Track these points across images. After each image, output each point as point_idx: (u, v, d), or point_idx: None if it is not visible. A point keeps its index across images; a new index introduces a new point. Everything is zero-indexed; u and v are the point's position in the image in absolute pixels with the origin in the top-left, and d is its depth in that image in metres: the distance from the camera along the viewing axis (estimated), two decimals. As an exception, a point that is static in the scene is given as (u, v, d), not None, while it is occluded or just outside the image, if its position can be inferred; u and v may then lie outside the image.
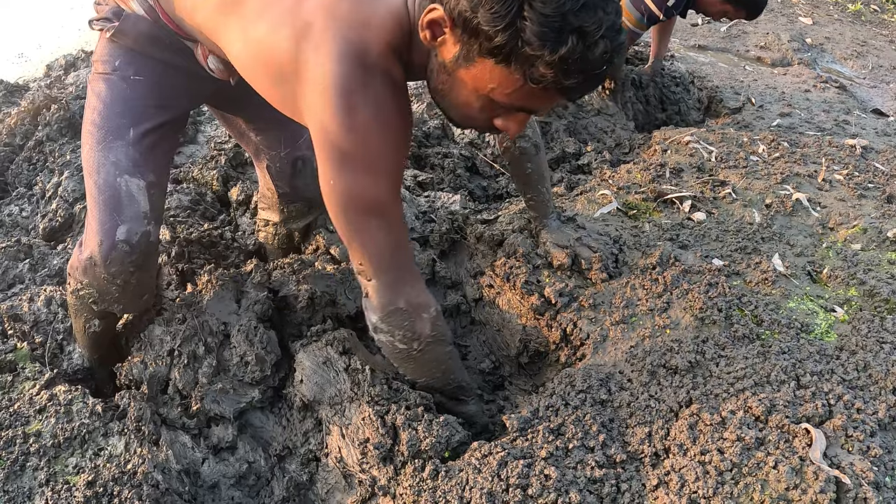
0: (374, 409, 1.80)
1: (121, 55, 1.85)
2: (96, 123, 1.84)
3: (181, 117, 2.03)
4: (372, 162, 1.48)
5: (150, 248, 1.87)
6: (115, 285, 1.86)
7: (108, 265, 1.81)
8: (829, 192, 2.92)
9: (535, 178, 2.33)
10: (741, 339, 1.96)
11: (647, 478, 1.58)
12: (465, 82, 1.39)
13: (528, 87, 1.31)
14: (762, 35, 6.11)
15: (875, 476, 1.50)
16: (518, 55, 1.25)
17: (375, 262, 1.62)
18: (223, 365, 2.05)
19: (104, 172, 1.81)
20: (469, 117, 1.51)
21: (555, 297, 2.19)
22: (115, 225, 1.80)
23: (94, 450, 1.81)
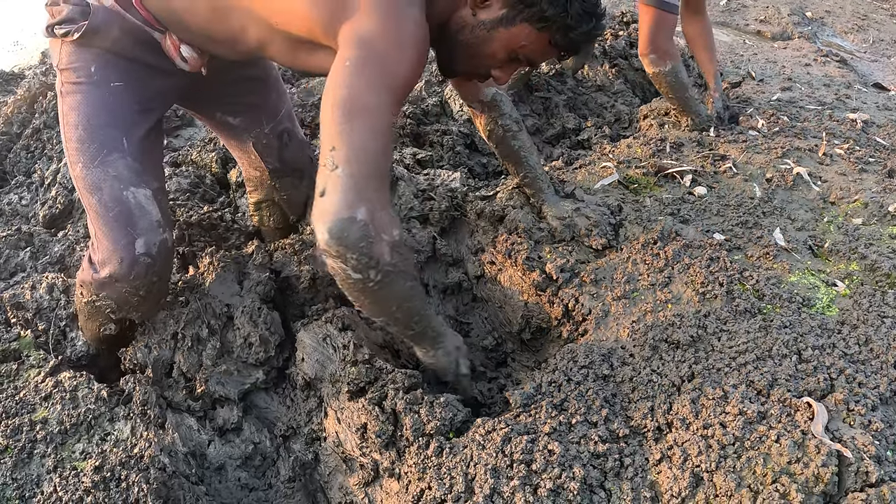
0: (370, 395, 1.79)
1: (94, 60, 1.79)
2: (83, 139, 1.79)
3: (160, 120, 2.02)
4: (397, 63, 1.53)
5: (169, 255, 1.89)
6: (137, 297, 1.87)
7: (133, 280, 1.81)
8: (829, 166, 2.91)
9: (524, 154, 2.46)
10: (743, 314, 1.96)
11: (650, 452, 1.59)
12: (499, 39, 1.69)
13: (550, 46, 1.70)
14: (762, 9, 6.07)
15: (876, 450, 1.50)
16: (558, 24, 1.63)
17: (353, 150, 1.44)
18: (227, 347, 2.06)
19: (108, 188, 1.78)
20: (481, 66, 1.78)
21: (556, 273, 2.19)
22: (131, 240, 1.78)
23: (101, 435, 1.82)
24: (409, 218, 2.52)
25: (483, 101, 2.33)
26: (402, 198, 2.57)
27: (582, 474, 1.51)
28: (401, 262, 1.54)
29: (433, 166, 2.99)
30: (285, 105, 2.31)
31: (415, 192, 2.60)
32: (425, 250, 2.40)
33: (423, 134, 3.28)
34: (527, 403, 1.75)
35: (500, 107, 2.35)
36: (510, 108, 2.39)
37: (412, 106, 3.40)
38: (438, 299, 2.39)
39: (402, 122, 3.26)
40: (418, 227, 2.47)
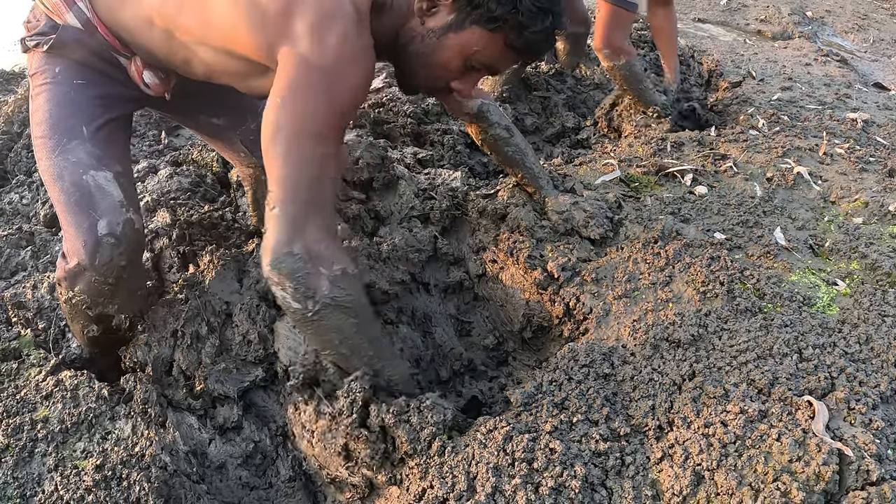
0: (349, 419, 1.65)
1: (60, 64, 1.84)
2: (46, 133, 1.81)
3: (127, 117, 2.01)
4: (335, 91, 1.52)
5: (136, 236, 1.83)
6: (107, 285, 1.82)
7: (99, 265, 1.77)
8: (830, 165, 2.91)
9: (519, 157, 2.47)
10: (743, 313, 1.96)
11: (651, 450, 1.59)
12: (450, 46, 1.64)
13: (506, 49, 1.63)
14: (762, 8, 6.08)
15: (877, 448, 1.50)
16: (510, 24, 1.57)
17: (287, 189, 1.49)
18: (226, 344, 2.06)
19: (68, 175, 1.77)
20: (437, 78, 1.73)
21: (558, 272, 2.19)
22: (94, 222, 1.75)
23: (102, 434, 1.82)
24: (411, 217, 2.52)
25: (470, 114, 2.33)
26: (403, 197, 2.57)
27: (583, 473, 1.51)
28: (342, 296, 1.53)
29: (434, 166, 3.00)
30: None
31: (416, 191, 2.60)
32: (426, 249, 2.40)
33: (424, 133, 3.28)
34: (528, 402, 1.75)
35: (487, 118, 2.36)
36: (499, 117, 2.39)
37: (413, 105, 3.39)
38: (440, 298, 2.39)
39: (402, 122, 3.26)
40: (419, 227, 2.47)
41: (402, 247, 2.34)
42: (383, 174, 2.58)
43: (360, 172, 2.53)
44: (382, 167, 2.58)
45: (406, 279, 2.30)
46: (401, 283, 2.27)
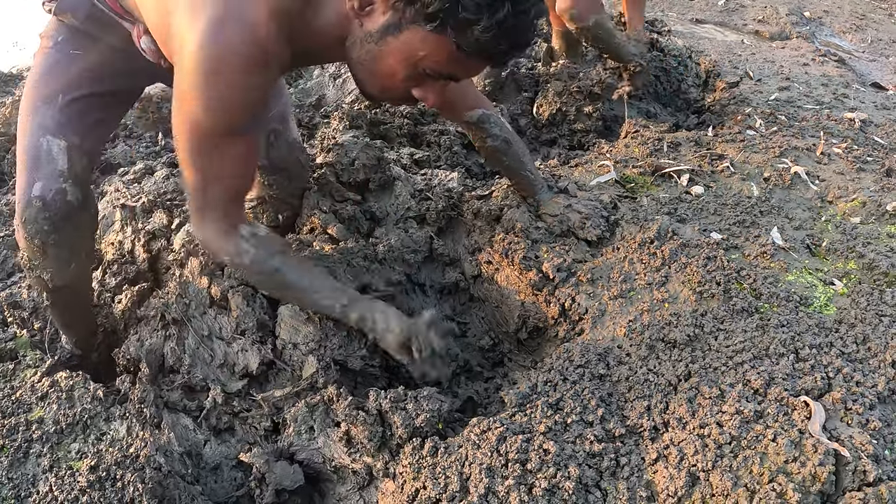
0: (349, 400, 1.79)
1: (63, 32, 1.91)
2: (30, 90, 1.89)
3: (118, 93, 2.05)
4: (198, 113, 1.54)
5: (66, 208, 1.85)
6: (34, 246, 1.86)
7: (25, 223, 1.82)
8: (827, 165, 2.91)
9: (514, 167, 2.41)
10: (740, 313, 1.96)
11: (646, 451, 1.59)
12: (391, 51, 1.44)
13: (458, 53, 1.38)
14: (760, 8, 6.08)
15: (874, 449, 1.49)
16: (454, 21, 1.31)
17: (188, 190, 1.70)
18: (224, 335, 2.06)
19: (30, 135, 1.84)
20: (389, 88, 1.56)
21: (553, 273, 2.19)
22: (31, 182, 1.81)
23: (97, 434, 1.82)
24: (407, 218, 2.52)
25: (468, 123, 2.28)
26: (400, 198, 2.57)
27: (577, 474, 1.51)
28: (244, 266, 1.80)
29: (430, 166, 2.99)
30: (276, 107, 2.28)
31: (412, 192, 2.60)
32: (422, 250, 2.40)
33: (421, 134, 3.27)
34: (522, 403, 1.75)
35: (486, 129, 2.30)
36: (499, 129, 2.32)
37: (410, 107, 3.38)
38: (435, 299, 2.39)
39: (399, 123, 3.25)
40: (415, 228, 2.47)
41: (398, 248, 2.34)
42: (379, 175, 2.57)
43: (356, 173, 2.52)
44: (378, 168, 2.58)
45: (402, 280, 2.30)
46: (397, 284, 2.27)
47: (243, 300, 2.07)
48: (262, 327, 2.06)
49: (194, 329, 2.07)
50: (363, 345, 2.04)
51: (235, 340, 2.05)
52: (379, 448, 1.72)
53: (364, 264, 2.22)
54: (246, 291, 2.10)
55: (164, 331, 2.07)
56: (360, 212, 2.48)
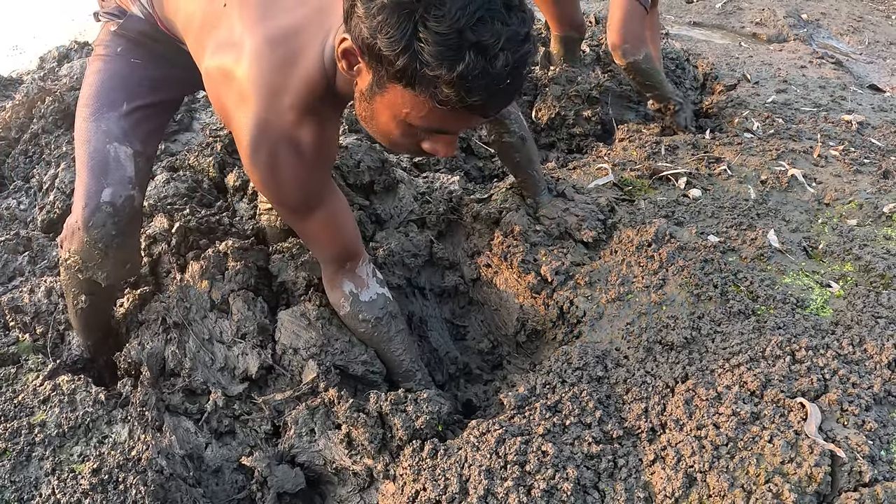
0: (350, 402, 1.82)
1: (122, 43, 1.97)
2: (91, 97, 1.93)
3: (174, 100, 2.14)
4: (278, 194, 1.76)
5: (133, 213, 1.92)
6: (97, 249, 1.89)
7: (91, 227, 1.85)
8: (824, 167, 2.92)
9: (524, 165, 2.48)
10: (736, 315, 1.97)
11: (643, 453, 1.60)
12: (381, 109, 1.41)
13: (438, 108, 1.30)
14: (757, 11, 6.08)
15: (870, 450, 1.51)
16: (420, 77, 1.24)
17: (312, 249, 2.03)
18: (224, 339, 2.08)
19: (95, 140, 1.88)
20: (395, 143, 1.52)
21: (551, 276, 2.20)
22: (100, 188, 1.85)
23: (99, 438, 1.82)
24: (409, 221, 2.53)
25: None
26: (403, 200, 2.59)
27: (575, 475, 1.52)
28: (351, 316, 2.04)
29: (430, 169, 3.01)
30: None
31: (415, 194, 2.61)
32: (423, 254, 2.41)
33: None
34: (521, 405, 1.76)
35: (505, 124, 2.34)
36: (517, 126, 2.36)
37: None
38: (435, 303, 2.40)
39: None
40: (416, 232, 2.48)
41: (399, 252, 2.36)
42: (384, 177, 2.59)
43: (361, 176, 2.54)
44: (383, 170, 2.60)
45: (402, 284, 2.31)
46: (397, 288, 2.28)
47: (244, 304, 2.09)
48: (263, 331, 2.07)
49: (195, 333, 2.08)
50: (364, 349, 2.06)
51: (236, 344, 2.06)
52: (379, 450, 1.73)
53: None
54: (247, 295, 2.11)
55: (165, 334, 2.08)
56: (366, 216, 2.49)
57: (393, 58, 1.23)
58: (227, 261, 2.22)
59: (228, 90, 1.62)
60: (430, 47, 1.19)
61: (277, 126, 1.60)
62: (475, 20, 1.17)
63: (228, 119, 1.67)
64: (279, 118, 1.59)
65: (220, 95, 1.66)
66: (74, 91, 3.67)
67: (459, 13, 1.16)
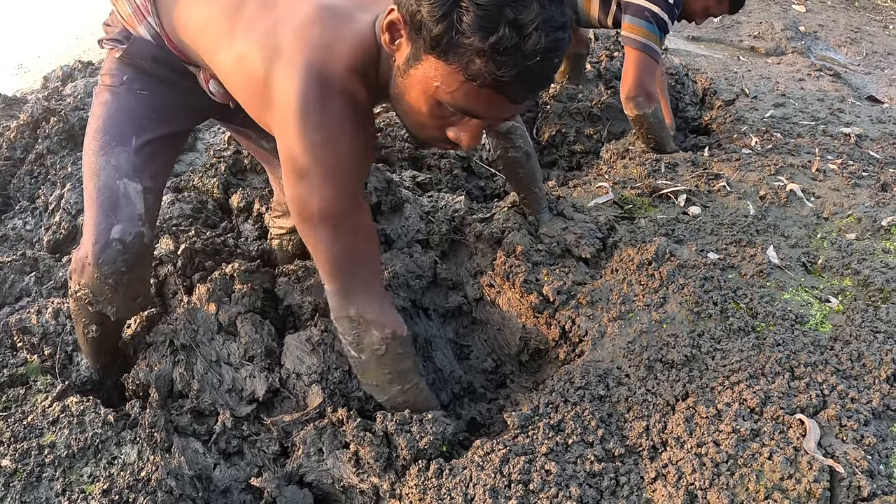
0: (357, 422, 1.84)
1: (128, 72, 1.93)
2: (100, 130, 1.90)
3: (183, 132, 2.10)
4: (325, 177, 1.58)
5: (143, 249, 1.90)
6: (107, 285, 1.88)
7: (101, 264, 1.84)
8: (823, 181, 2.94)
9: (528, 181, 2.53)
10: (736, 332, 1.99)
11: (645, 471, 1.62)
12: (413, 84, 1.44)
13: (468, 84, 1.33)
14: (755, 24, 6.13)
15: (869, 464, 1.53)
16: (455, 45, 1.28)
17: (326, 268, 1.71)
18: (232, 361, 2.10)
19: (104, 175, 1.86)
20: (422, 125, 1.54)
21: (553, 295, 2.22)
22: (110, 225, 1.84)
23: (108, 458, 1.84)
24: (413, 242, 2.56)
25: (497, 130, 2.36)
26: (410, 220, 2.62)
27: (578, 493, 1.54)
28: (390, 351, 1.79)
29: (433, 189, 3.03)
30: None
31: (420, 214, 2.64)
32: (427, 275, 2.44)
33: (421, 157, 3.31)
34: (524, 425, 1.78)
35: (511, 139, 2.39)
36: (523, 142, 2.42)
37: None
38: (439, 323, 2.42)
39: (400, 146, 3.29)
40: (420, 252, 2.51)
41: (403, 273, 2.38)
42: (390, 197, 2.62)
43: (368, 196, 2.58)
44: (389, 190, 2.63)
45: (407, 306, 2.33)
46: (402, 310, 2.30)
47: (252, 327, 2.11)
48: (270, 354, 2.10)
49: (203, 355, 2.11)
50: None
51: (244, 366, 2.08)
52: (385, 469, 1.75)
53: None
54: (254, 318, 2.13)
55: (172, 356, 2.10)
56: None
57: (432, 24, 1.28)
58: (234, 283, 2.25)
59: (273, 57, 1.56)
60: (469, 16, 1.24)
61: (337, 78, 1.53)
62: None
63: (268, 91, 1.58)
64: (337, 70, 1.53)
65: (256, 68, 1.59)
66: (79, 111, 3.70)
67: None
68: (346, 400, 2.04)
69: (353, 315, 1.74)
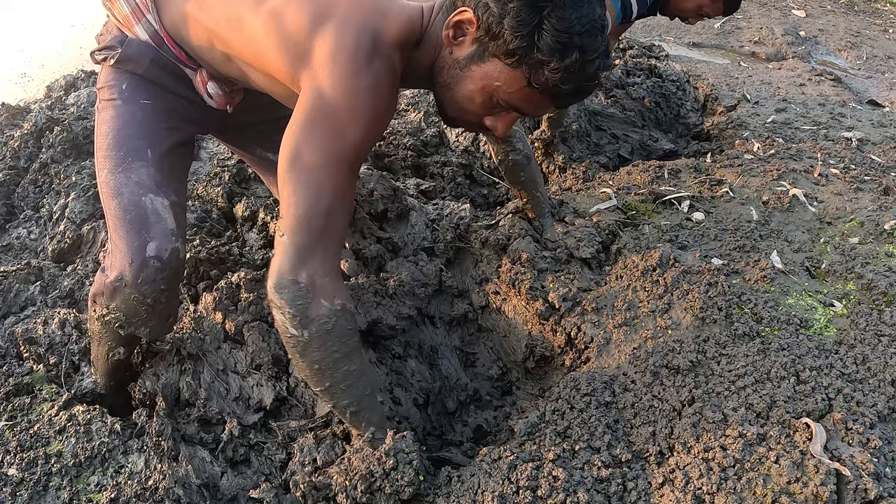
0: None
1: (126, 80, 1.90)
2: (111, 147, 1.84)
3: (190, 142, 2.06)
4: (348, 124, 1.57)
5: (179, 266, 1.85)
6: (144, 305, 1.81)
7: (140, 284, 1.77)
8: (825, 186, 2.95)
9: (529, 185, 2.59)
10: (741, 337, 2.00)
11: (652, 476, 1.62)
12: (473, 78, 1.59)
13: (528, 89, 1.54)
14: (756, 30, 6.14)
15: (875, 467, 1.53)
16: (528, 59, 1.47)
17: (297, 218, 1.57)
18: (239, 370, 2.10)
19: (128, 193, 1.80)
20: (465, 111, 1.68)
21: (559, 302, 2.23)
22: (144, 243, 1.77)
23: (115, 467, 1.84)
24: (418, 250, 2.57)
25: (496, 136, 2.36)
26: (416, 227, 2.62)
27: (586, 499, 1.54)
28: (338, 329, 1.63)
29: (437, 197, 3.04)
30: None
31: (426, 221, 2.65)
32: (432, 283, 2.44)
33: (424, 166, 3.32)
34: (531, 431, 1.79)
35: (511, 142, 2.46)
36: (522, 145, 2.49)
37: (412, 138, 3.44)
38: (445, 331, 2.43)
39: (403, 155, 3.30)
40: (425, 260, 2.52)
41: (409, 282, 2.39)
42: (396, 205, 2.63)
43: (375, 205, 2.58)
44: (395, 198, 2.64)
45: (413, 314, 2.33)
46: (408, 318, 2.30)
47: (259, 335, 2.11)
48: (277, 362, 2.10)
49: (209, 363, 2.11)
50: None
51: (251, 375, 2.09)
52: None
53: (375, 300, 2.26)
54: (261, 327, 2.14)
55: (179, 365, 2.10)
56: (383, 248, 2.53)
57: (511, 38, 1.46)
58: (240, 292, 2.25)
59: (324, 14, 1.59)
60: (548, 39, 1.44)
61: (385, 44, 1.60)
62: (584, 30, 1.46)
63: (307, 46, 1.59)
64: (386, 37, 1.60)
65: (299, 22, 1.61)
66: (82, 120, 3.71)
67: (576, 21, 1.45)
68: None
69: (304, 280, 1.57)
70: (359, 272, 2.38)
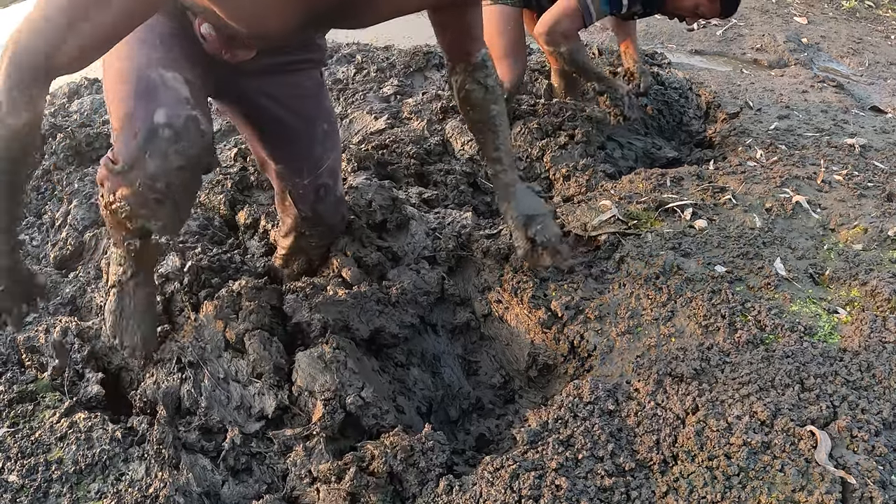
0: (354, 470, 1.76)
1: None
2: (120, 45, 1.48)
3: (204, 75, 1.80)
4: None
5: (200, 140, 1.55)
6: (153, 192, 1.53)
7: (148, 158, 1.49)
8: (828, 193, 2.95)
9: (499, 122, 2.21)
10: (745, 345, 1.99)
11: (656, 485, 1.61)
12: None
13: None
14: (758, 37, 6.14)
15: (881, 475, 1.52)
16: None
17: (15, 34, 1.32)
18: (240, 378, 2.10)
19: (135, 70, 1.57)
20: None
21: (561, 311, 2.23)
22: (150, 111, 1.50)
23: (116, 475, 1.84)
24: (420, 259, 2.56)
25: (470, 61, 2.11)
26: (416, 237, 2.62)
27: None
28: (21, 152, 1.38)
29: (440, 205, 3.04)
30: (330, 160, 2.23)
31: (426, 231, 2.64)
32: (435, 292, 2.44)
33: (427, 174, 3.32)
34: (534, 440, 1.78)
35: (487, 67, 2.13)
36: (491, 81, 2.16)
37: (415, 146, 3.44)
38: (447, 339, 2.43)
39: (406, 163, 3.30)
40: (427, 269, 2.51)
41: (411, 290, 2.39)
42: (396, 215, 2.63)
43: (374, 215, 2.58)
44: (394, 208, 2.63)
45: (415, 322, 2.33)
46: (410, 327, 2.30)
47: (260, 344, 2.11)
48: (279, 371, 2.09)
49: (210, 372, 2.11)
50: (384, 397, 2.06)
51: (252, 383, 2.08)
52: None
53: (378, 308, 2.25)
54: (262, 335, 2.13)
55: (180, 373, 2.10)
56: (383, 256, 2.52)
57: None
58: (242, 300, 2.25)
59: None
60: None
61: None
62: None
63: None
64: None
65: None
66: (85, 127, 3.72)
67: None
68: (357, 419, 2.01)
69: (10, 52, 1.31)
70: (361, 280, 2.38)
